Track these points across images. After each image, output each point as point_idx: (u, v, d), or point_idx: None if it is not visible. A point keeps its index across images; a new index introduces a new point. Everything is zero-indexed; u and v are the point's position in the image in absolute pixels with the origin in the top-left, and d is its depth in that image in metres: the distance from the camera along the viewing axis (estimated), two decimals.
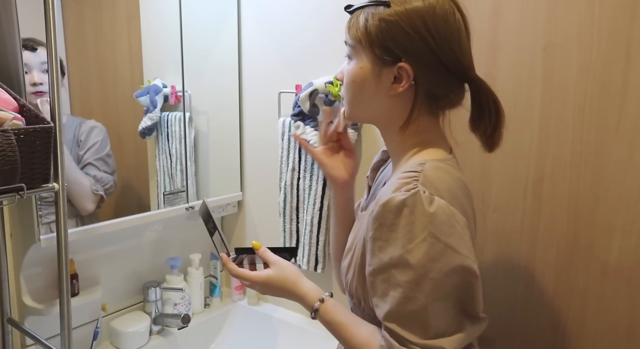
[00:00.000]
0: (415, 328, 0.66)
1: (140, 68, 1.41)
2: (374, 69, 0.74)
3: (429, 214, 0.65)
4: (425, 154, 0.77)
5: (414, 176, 0.69)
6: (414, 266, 0.65)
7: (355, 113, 0.82)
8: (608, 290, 1.03)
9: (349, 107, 0.81)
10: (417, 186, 0.67)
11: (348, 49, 0.78)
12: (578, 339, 1.08)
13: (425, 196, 0.66)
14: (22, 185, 0.86)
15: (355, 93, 0.78)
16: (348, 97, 0.80)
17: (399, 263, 0.66)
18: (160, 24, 1.44)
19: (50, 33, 0.91)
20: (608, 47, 0.98)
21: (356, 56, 0.76)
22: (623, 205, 1.00)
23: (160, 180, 1.49)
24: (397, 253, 0.66)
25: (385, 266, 0.68)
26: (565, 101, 1.04)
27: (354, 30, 0.75)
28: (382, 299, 0.69)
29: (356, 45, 0.75)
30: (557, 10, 1.03)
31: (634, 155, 0.98)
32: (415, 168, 0.71)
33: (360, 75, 0.76)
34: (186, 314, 1.36)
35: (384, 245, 0.68)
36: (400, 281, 0.66)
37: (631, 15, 0.95)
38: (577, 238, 1.06)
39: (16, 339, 1.19)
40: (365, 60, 0.75)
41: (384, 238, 0.68)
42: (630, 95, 0.97)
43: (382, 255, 0.68)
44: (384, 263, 0.68)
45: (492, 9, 1.12)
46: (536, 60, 1.07)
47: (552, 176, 1.08)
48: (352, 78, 0.77)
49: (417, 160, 0.76)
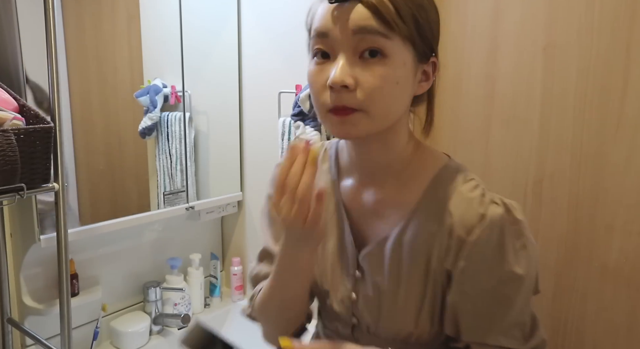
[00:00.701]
0: (518, 335, 0.65)
1: (140, 68, 1.41)
2: (414, 66, 0.61)
3: (521, 221, 0.64)
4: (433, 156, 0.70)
5: (475, 185, 0.65)
6: (522, 276, 0.63)
7: (382, 127, 0.62)
8: (608, 291, 1.03)
9: (380, 121, 0.61)
10: (491, 194, 0.64)
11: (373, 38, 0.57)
12: (578, 340, 1.08)
13: (511, 204, 0.64)
14: (22, 185, 0.87)
15: (395, 99, 0.61)
16: (384, 106, 0.60)
17: (508, 279, 0.63)
18: (160, 24, 1.44)
19: (50, 33, 0.91)
20: (608, 48, 0.98)
21: (394, 49, 0.58)
22: (623, 206, 1.00)
23: (160, 180, 1.49)
24: (505, 270, 0.62)
25: (492, 289, 0.63)
26: (566, 102, 1.04)
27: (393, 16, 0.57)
28: (482, 319, 0.64)
29: (394, 36, 0.58)
30: (557, 10, 1.03)
31: (634, 156, 0.98)
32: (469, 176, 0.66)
33: (404, 74, 0.60)
34: (186, 314, 1.36)
35: (487, 268, 0.63)
36: (510, 295, 0.63)
37: (631, 15, 0.95)
38: (577, 239, 1.06)
39: (16, 339, 1.19)
40: (408, 54, 0.59)
41: (488, 261, 0.62)
42: (630, 95, 0.97)
43: (487, 279, 0.63)
44: (490, 286, 0.63)
45: (492, 9, 1.12)
46: (536, 60, 1.07)
47: (552, 176, 1.08)
48: (395, 80, 0.59)
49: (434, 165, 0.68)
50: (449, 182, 0.65)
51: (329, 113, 0.60)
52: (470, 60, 1.17)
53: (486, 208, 0.62)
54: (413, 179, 0.68)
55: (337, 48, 0.59)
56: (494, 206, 0.62)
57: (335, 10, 0.59)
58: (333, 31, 0.59)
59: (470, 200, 0.63)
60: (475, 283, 0.63)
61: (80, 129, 1.29)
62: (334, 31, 0.59)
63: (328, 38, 0.59)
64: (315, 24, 0.61)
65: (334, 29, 0.59)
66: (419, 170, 0.68)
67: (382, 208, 0.69)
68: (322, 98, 0.60)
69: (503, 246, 0.62)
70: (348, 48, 0.58)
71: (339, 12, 0.58)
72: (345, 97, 0.58)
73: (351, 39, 0.58)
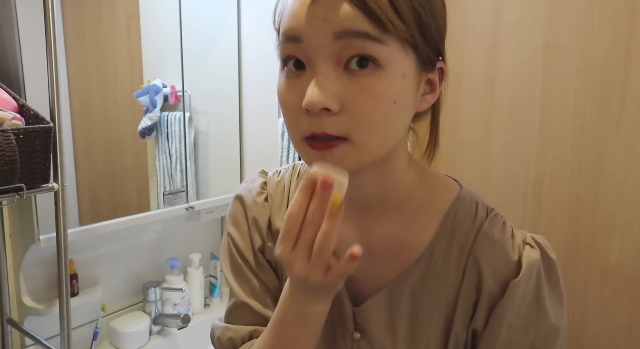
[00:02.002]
0: None
1: (139, 68, 1.41)
2: (416, 78, 0.47)
3: (555, 262, 0.54)
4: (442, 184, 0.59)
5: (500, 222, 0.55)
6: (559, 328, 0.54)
7: (375, 158, 0.48)
8: (608, 290, 1.03)
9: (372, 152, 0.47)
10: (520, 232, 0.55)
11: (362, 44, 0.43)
12: (578, 340, 1.08)
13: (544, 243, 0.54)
14: (21, 185, 0.86)
15: (392, 123, 0.47)
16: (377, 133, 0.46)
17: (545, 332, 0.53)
18: (160, 23, 1.44)
19: (50, 33, 0.91)
20: (608, 47, 0.98)
21: (391, 58, 0.44)
22: (623, 205, 1.00)
23: (160, 180, 1.48)
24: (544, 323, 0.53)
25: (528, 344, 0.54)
26: (566, 101, 1.04)
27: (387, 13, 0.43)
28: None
29: (390, 40, 0.44)
30: (557, 10, 1.03)
31: (634, 155, 0.98)
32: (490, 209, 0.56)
33: (404, 90, 0.46)
34: (186, 314, 1.36)
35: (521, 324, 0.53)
36: None
37: (631, 15, 0.95)
38: (577, 238, 1.06)
39: (16, 339, 1.19)
40: (409, 63, 0.46)
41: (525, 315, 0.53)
42: (630, 95, 0.97)
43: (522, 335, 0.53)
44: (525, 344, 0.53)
45: (492, 9, 1.12)
46: (536, 60, 1.07)
47: (552, 176, 1.08)
48: (393, 98, 0.45)
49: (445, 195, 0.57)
50: (468, 219, 0.54)
51: (304, 142, 0.46)
52: (470, 60, 1.17)
53: (520, 253, 0.52)
54: (420, 214, 0.55)
55: (314, 56, 0.44)
56: (528, 250, 0.52)
57: (311, 6, 0.44)
58: (308, 33, 0.44)
59: (501, 244, 0.52)
60: (511, 344, 0.53)
61: (79, 129, 1.28)
62: (309, 33, 0.44)
63: (302, 43, 0.45)
64: (285, 23, 0.46)
65: (309, 30, 0.44)
66: (426, 203, 0.56)
67: (382, 251, 0.56)
68: (297, 124, 0.46)
69: (542, 297, 0.52)
70: (329, 56, 0.44)
71: (316, 7, 0.43)
72: (326, 122, 0.44)
73: (333, 45, 0.43)
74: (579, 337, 1.08)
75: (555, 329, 0.53)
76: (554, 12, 1.04)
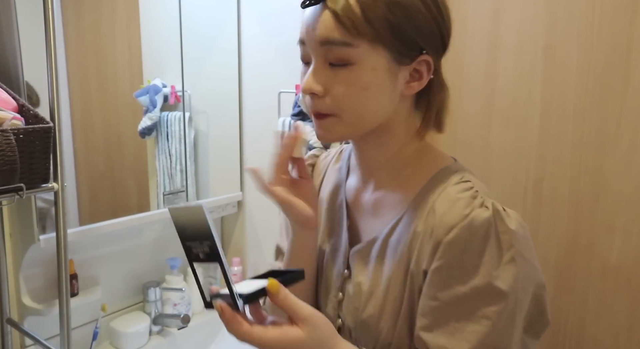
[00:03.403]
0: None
1: (139, 68, 1.41)
2: (391, 69, 0.59)
3: (512, 231, 0.57)
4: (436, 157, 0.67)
5: (469, 187, 0.61)
6: (505, 292, 0.56)
7: (358, 131, 0.64)
8: (608, 290, 1.03)
9: (353, 125, 0.62)
10: (485, 199, 0.59)
11: (338, 49, 0.57)
12: (578, 340, 1.08)
13: (505, 212, 0.58)
14: (21, 185, 0.86)
15: (366, 105, 0.60)
16: (354, 112, 0.61)
17: (485, 292, 0.56)
18: (160, 23, 1.44)
19: (50, 33, 0.91)
20: (608, 47, 0.98)
21: (360, 56, 0.58)
22: (623, 205, 1.00)
23: (160, 180, 1.48)
24: (482, 281, 0.56)
25: (465, 298, 0.57)
26: (566, 101, 1.04)
27: (357, 22, 0.56)
28: (454, 337, 0.57)
29: (360, 43, 0.57)
30: (557, 10, 1.03)
31: (634, 155, 0.98)
32: (466, 178, 0.62)
33: (375, 80, 0.59)
34: (186, 314, 1.36)
35: (462, 273, 0.57)
36: (487, 312, 0.56)
37: (631, 15, 0.95)
38: (577, 238, 1.06)
39: (15, 339, 1.19)
40: (378, 59, 0.58)
41: (465, 265, 0.57)
42: (630, 95, 0.97)
43: (460, 285, 0.57)
44: (462, 293, 0.57)
45: (492, 9, 1.12)
46: (536, 60, 1.07)
47: (552, 176, 1.08)
48: (363, 86, 0.59)
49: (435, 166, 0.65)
50: (442, 182, 0.63)
51: (312, 115, 0.64)
52: (470, 60, 1.17)
53: (472, 209, 0.57)
54: (411, 179, 0.66)
55: (311, 55, 0.61)
56: (481, 210, 0.57)
57: (308, 19, 0.59)
58: (307, 40, 0.60)
59: (456, 200, 0.59)
60: (448, 287, 0.57)
61: (79, 129, 1.29)
62: (307, 40, 0.60)
63: (305, 45, 0.61)
64: (300, 31, 0.62)
65: (307, 38, 0.60)
66: (418, 170, 0.66)
67: (377, 207, 0.68)
68: (306, 103, 0.64)
69: (483, 254, 0.56)
70: (319, 56, 0.60)
71: (311, 19, 0.59)
72: (316, 103, 0.62)
73: (320, 49, 0.59)
74: (579, 337, 1.08)
75: (498, 293, 0.56)
76: (554, 12, 1.04)
